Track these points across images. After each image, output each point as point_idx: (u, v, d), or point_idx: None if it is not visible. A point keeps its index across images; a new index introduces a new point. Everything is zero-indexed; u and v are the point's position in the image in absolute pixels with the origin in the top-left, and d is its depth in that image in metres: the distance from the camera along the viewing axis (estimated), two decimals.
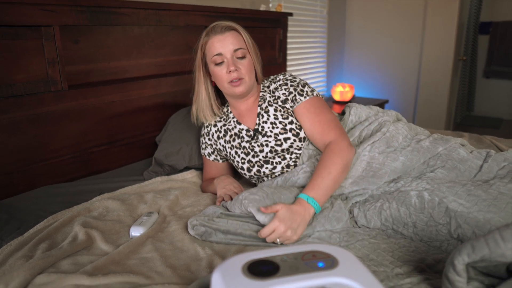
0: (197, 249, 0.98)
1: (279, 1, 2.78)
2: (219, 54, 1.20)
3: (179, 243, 1.02)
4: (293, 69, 3.12)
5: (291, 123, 1.24)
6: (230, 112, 1.35)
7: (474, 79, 5.06)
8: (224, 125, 1.36)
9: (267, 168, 1.26)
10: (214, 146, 1.40)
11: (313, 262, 0.55)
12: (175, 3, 1.87)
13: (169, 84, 1.83)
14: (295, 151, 1.25)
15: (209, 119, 1.36)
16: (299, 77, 1.32)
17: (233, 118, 1.34)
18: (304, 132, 1.25)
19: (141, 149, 1.78)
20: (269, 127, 1.25)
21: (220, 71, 1.22)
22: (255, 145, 1.27)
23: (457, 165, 1.12)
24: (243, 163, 1.29)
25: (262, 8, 2.46)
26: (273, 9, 2.66)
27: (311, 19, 3.26)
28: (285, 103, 1.26)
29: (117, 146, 1.68)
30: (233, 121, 1.33)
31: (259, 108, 1.29)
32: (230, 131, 1.34)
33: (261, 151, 1.26)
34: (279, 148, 1.24)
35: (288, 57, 2.98)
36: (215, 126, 1.38)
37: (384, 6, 3.55)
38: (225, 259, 0.92)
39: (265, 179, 1.29)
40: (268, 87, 1.32)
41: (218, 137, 1.37)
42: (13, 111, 1.32)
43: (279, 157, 1.25)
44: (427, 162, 1.15)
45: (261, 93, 1.32)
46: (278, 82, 1.30)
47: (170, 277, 0.86)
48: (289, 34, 2.91)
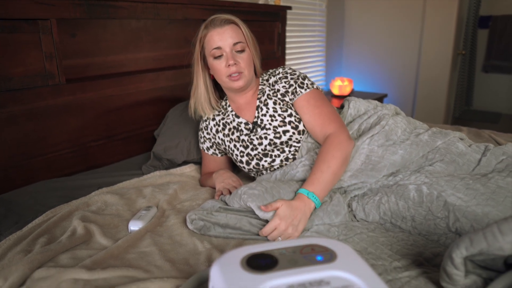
0: (195, 243, 0.98)
1: None
2: (218, 48, 1.20)
3: (177, 237, 1.02)
4: (292, 63, 3.11)
5: (290, 116, 1.24)
6: (229, 106, 1.35)
7: (473, 74, 5.06)
8: (223, 119, 1.35)
9: (266, 161, 1.26)
10: (213, 140, 1.40)
11: (312, 256, 0.55)
12: None
13: (167, 78, 1.82)
14: (294, 144, 1.24)
15: (207, 112, 1.35)
16: (299, 70, 1.32)
17: (231, 111, 1.33)
18: (303, 125, 1.24)
19: (139, 144, 1.78)
20: (268, 120, 1.25)
21: (219, 65, 1.21)
22: (254, 138, 1.27)
23: (455, 159, 1.12)
24: (241, 156, 1.29)
25: (260, 2, 2.45)
26: (272, 3, 2.65)
27: (310, 12, 3.24)
28: (284, 96, 1.26)
29: (115, 141, 1.68)
30: (232, 115, 1.33)
31: (258, 101, 1.29)
32: (229, 124, 1.33)
33: (260, 144, 1.26)
34: (278, 141, 1.24)
35: (287, 51, 2.97)
36: (213, 120, 1.38)
37: (383, 0, 3.53)
38: (223, 253, 0.92)
39: (264, 172, 1.29)
40: (267, 80, 1.31)
41: (217, 131, 1.37)
42: (10, 105, 1.31)
43: (278, 150, 1.25)
44: (426, 156, 1.15)
45: (260, 87, 1.31)
46: (278, 75, 1.29)
47: (169, 271, 0.86)
48: (288, 28, 2.89)
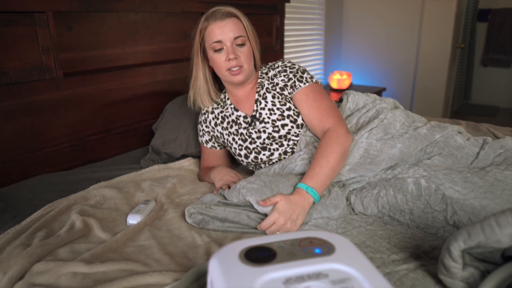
0: (194, 237, 0.98)
1: None
2: (218, 41, 1.19)
3: (176, 230, 1.02)
4: (290, 56, 3.10)
5: (289, 109, 1.24)
6: (228, 99, 1.35)
7: (472, 67, 5.05)
8: (222, 112, 1.35)
9: (264, 154, 1.26)
10: (212, 133, 1.39)
11: (310, 249, 0.55)
12: None
13: (165, 71, 1.81)
14: (293, 138, 1.24)
15: (206, 104, 1.35)
16: (298, 64, 1.31)
17: (230, 104, 1.33)
18: (302, 119, 1.24)
19: (137, 137, 1.77)
20: (266, 114, 1.25)
21: (219, 58, 1.20)
22: (252, 131, 1.27)
23: (454, 152, 1.12)
24: (240, 149, 1.29)
25: None
26: None
27: (308, 6, 3.23)
28: (283, 90, 1.26)
29: (113, 134, 1.68)
30: (231, 108, 1.33)
31: (257, 94, 1.28)
32: (228, 117, 1.33)
33: (259, 137, 1.25)
34: (276, 135, 1.24)
35: (285, 45, 2.95)
36: (212, 113, 1.38)
37: None
38: (222, 246, 0.92)
39: (262, 166, 1.29)
40: (267, 73, 1.31)
41: (216, 124, 1.37)
42: (7, 99, 1.30)
43: (276, 143, 1.25)
44: (424, 149, 1.15)
45: (259, 80, 1.31)
46: (277, 68, 1.29)
47: (168, 264, 0.86)
48: (286, 21, 2.88)
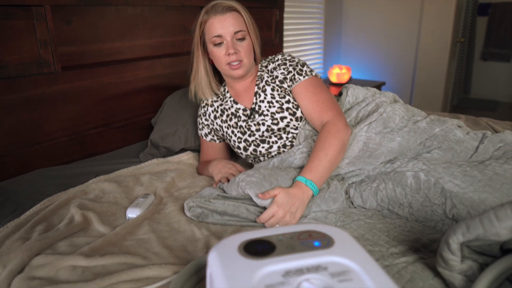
0: (193, 230, 0.98)
1: None
2: (218, 36, 1.18)
3: (175, 224, 1.02)
4: (289, 50, 3.08)
5: (288, 102, 1.24)
6: (227, 92, 1.34)
7: (472, 61, 5.03)
8: (221, 105, 1.35)
9: (263, 147, 1.26)
10: (211, 126, 1.39)
11: (309, 242, 0.55)
12: None
13: (164, 65, 1.80)
14: (292, 131, 1.24)
15: (208, 96, 1.35)
16: (298, 57, 1.31)
17: (230, 97, 1.33)
18: (301, 112, 1.24)
19: (136, 131, 1.77)
20: (266, 106, 1.25)
21: (219, 52, 1.20)
22: (251, 124, 1.27)
23: (453, 146, 1.12)
24: (239, 142, 1.29)
25: None
26: None
27: None
28: (282, 82, 1.25)
29: (112, 128, 1.67)
30: (230, 101, 1.32)
31: (256, 87, 1.28)
32: (227, 110, 1.33)
33: (258, 130, 1.25)
34: (275, 127, 1.24)
35: (285, 39, 2.94)
36: (211, 106, 1.38)
37: None
38: (221, 239, 0.92)
39: (261, 159, 1.29)
40: (266, 67, 1.30)
41: (215, 117, 1.36)
42: (5, 93, 1.30)
43: (275, 136, 1.25)
44: (424, 143, 1.15)
45: (258, 73, 1.31)
46: (277, 62, 1.28)
47: (167, 258, 0.86)
48: (285, 15, 2.86)
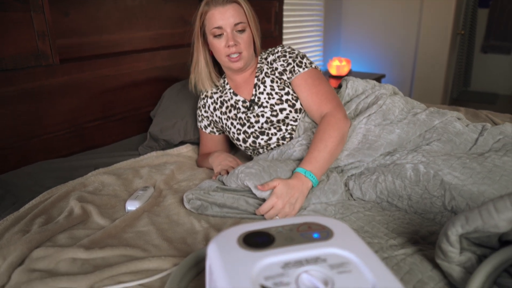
0: (193, 223, 0.98)
1: None
2: (218, 27, 1.18)
3: (175, 216, 1.02)
4: (289, 42, 3.07)
5: (287, 94, 1.23)
6: (227, 84, 1.34)
7: (472, 54, 5.02)
8: (221, 97, 1.35)
9: (262, 139, 1.26)
10: (211, 118, 1.39)
11: (309, 233, 0.55)
12: None
13: (163, 58, 1.79)
14: (291, 123, 1.24)
15: (208, 87, 1.35)
16: (298, 49, 1.31)
17: (229, 89, 1.33)
18: (300, 104, 1.24)
19: (135, 124, 1.77)
20: (265, 98, 1.24)
21: (219, 44, 1.20)
22: (251, 115, 1.27)
23: (452, 138, 1.12)
24: (238, 134, 1.29)
25: None
26: None
27: None
28: (282, 74, 1.25)
29: (111, 121, 1.67)
30: (230, 92, 1.32)
31: (256, 79, 1.28)
32: (226, 102, 1.33)
33: (257, 121, 1.25)
34: (274, 119, 1.24)
35: (284, 31, 2.92)
36: (211, 97, 1.37)
37: None
38: (221, 231, 0.92)
39: (260, 151, 1.29)
40: (266, 58, 1.30)
41: (214, 109, 1.36)
42: (3, 85, 1.29)
43: (274, 128, 1.24)
44: (423, 135, 1.15)
45: (258, 65, 1.30)
46: (277, 54, 1.28)
47: (167, 250, 0.87)
48: (285, 7, 2.85)
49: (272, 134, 1.25)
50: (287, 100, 1.23)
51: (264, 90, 1.25)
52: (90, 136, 1.60)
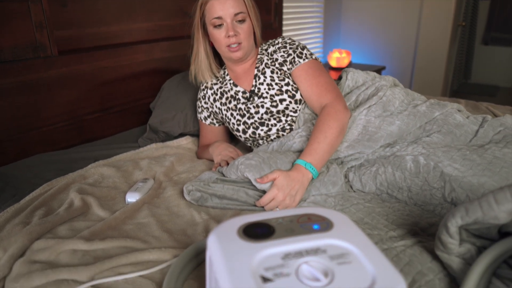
0: (193, 214, 0.99)
1: None
2: (218, 17, 1.17)
3: (175, 208, 1.03)
4: (289, 34, 3.05)
5: (287, 84, 1.23)
6: (227, 75, 1.34)
7: (473, 46, 4.99)
8: (220, 88, 1.34)
9: (262, 130, 1.26)
10: (210, 109, 1.39)
11: (309, 225, 0.56)
12: None
13: (163, 49, 1.78)
14: (291, 114, 1.24)
15: (207, 78, 1.35)
16: (298, 41, 1.30)
17: (229, 80, 1.32)
18: (300, 94, 1.24)
19: (135, 116, 1.76)
20: (265, 89, 1.24)
21: (219, 34, 1.19)
22: (250, 106, 1.26)
23: (453, 130, 1.12)
24: (238, 124, 1.29)
25: None
26: None
27: None
28: (282, 65, 1.25)
29: (111, 113, 1.66)
30: (230, 83, 1.32)
31: (256, 70, 1.27)
32: (226, 93, 1.32)
33: (257, 112, 1.25)
34: (274, 110, 1.23)
35: (284, 22, 2.91)
36: (211, 88, 1.37)
37: None
38: (221, 223, 0.93)
39: (260, 142, 1.29)
40: (266, 50, 1.30)
41: (214, 100, 1.36)
42: (1, 77, 1.28)
43: (274, 119, 1.24)
44: (423, 127, 1.15)
45: (258, 56, 1.30)
46: (277, 45, 1.28)
47: (167, 241, 0.87)
48: None
49: (272, 125, 1.25)
50: (287, 91, 1.23)
51: (264, 81, 1.25)
52: (89, 128, 1.60)
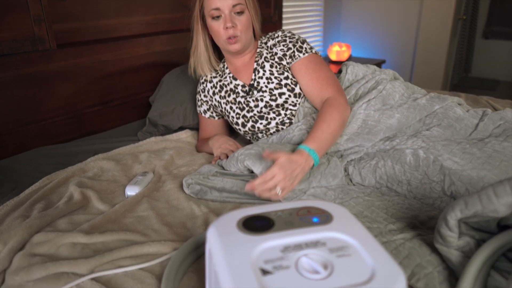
0: (192, 207, 0.99)
1: None
2: (217, 9, 1.17)
3: (174, 201, 1.03)
4: (288, 27, 3.04)
5: (286, 78, 1.23)
6: (226, 68, 1.33)
7: (473, 40, 4.97)
8: (220, 81, 1.34)
9: (261, 123, 1.25)
10: (210, 103, 1.39)
11: (308, 218, 0.56)
12: None
13: (162, 42, 1.77)
14: (290, 107, 1.24)
15: (207, 71, 1.34)
16: (298, 34, 1.29)
17: (229, 73, 1.32)
18: (299, 88, 1.23)
19: (134, 110, 1.76)
20: (264, 82, 1.24)
21: (217, 26, 1.19)
22: (250, 100, 1.26)
23: (453, 124, 1.12)
24: (237, 118, 1.29)
25: None
26: None
27: None
28: (282, 59, 1.24)
29: (110, 107, 1.66)
30: (229, 77, 1.31)
31: (255, 63, 1.27)
32: (226, 86, 1.32)
33: (256, 106, 1.25)
34: (273, 103, 1.23)
35: (284, 16, 2.89)
36: (210, 82, 1.37)
37: None
38: (220, 216, 0.93)
39: (259, 136, 1.29)
40: (266, 43, 1.29)
41: (214, 93, 1.36)
42: (0, 71, 1.28)
43: (273, 112, 1.24)
44: (423, 120, 1.14)
45: (258, 49, 1.29)
46: (277, 38, 1.27)
47: (166, 235, 0.87)
48: None
49: (271, 119, 1.25)
50: (286, 85, 1.22)
51: (264, 74, 1.24)
52: (89, 121, 1.59)
